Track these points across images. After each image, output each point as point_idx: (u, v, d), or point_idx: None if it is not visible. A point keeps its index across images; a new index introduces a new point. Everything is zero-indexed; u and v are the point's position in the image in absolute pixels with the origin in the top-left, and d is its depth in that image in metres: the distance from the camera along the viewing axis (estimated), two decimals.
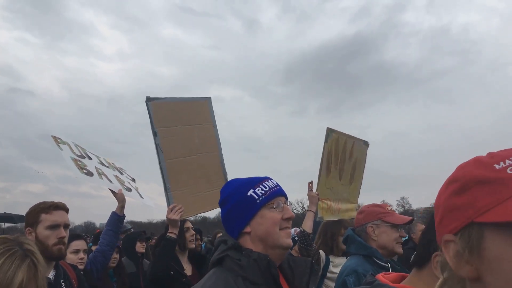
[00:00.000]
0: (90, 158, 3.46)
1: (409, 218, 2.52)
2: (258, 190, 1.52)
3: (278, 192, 1.55)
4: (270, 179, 1.60)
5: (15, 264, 1.26)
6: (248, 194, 1.51)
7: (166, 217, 3.13)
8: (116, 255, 4.07)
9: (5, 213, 15.46)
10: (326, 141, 3.88)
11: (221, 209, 1.62)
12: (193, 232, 3.55)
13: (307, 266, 1.55)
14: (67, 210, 2.45)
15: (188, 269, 3.39)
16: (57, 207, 2.40)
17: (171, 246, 3.14)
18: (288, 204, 1.63)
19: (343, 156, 4.15)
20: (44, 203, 2.41)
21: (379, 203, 2.68)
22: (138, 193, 3.82)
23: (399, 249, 2.49)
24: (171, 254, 3.17)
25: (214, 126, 3.59)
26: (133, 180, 4.04)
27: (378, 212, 2.53)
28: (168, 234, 3.15)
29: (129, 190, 3.59)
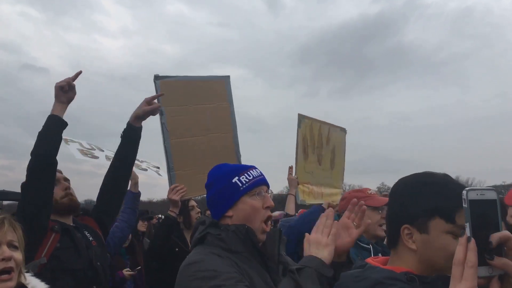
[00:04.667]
0: (102, 150, 3.71)
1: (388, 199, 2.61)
2: (243, 178, 1.63)
3: (261, 181, 1.66)
4: (255, 168, 1.71)
5: None
6: (233, 181, 1.62)
7: (167, 197, 3.14)
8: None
9: (4, 190, 15.67)
10: (299, 126, 3.97)
11: (207, 191, 1.73)
12: (199, 210, 3.61)
13: (276, 235, 1.67)
14: (60, 171, 2.48)
15: None
16: None
17: (170, 224, 3.20)
18: (270, 193, 1.73)
19: (319, 142, 4.24)
20: None
21: (359, 187, 2.84)
22: (157, 173, 4.11)
23: (381, 232, 2.57)
24: (169, 231, 3.23)
25: (231, 106, 3.51)
26: (157, 167, 4.30)
27: (359, 197, 2.60)
28: (168, 212, 3.20)
29: (145, 170, 3.87)
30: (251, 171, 1.67)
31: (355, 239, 1.51)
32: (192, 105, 3.28)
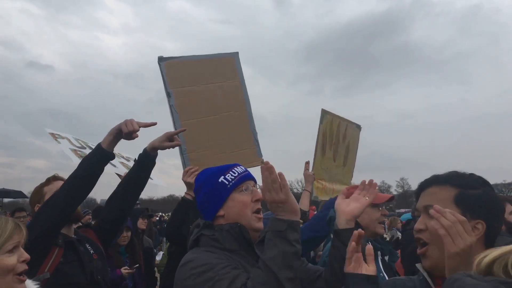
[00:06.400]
0: (91, 148, 3.63)
1: (389, 196, 2.58)
2: (228, 176, 1.66)
3: (247, 177, 1.70)
4: (239, 165, 1.75)
5: (4, 219, 1.61)
6: (219, 180, 1.66)
7: (182, 179, 3.11)
8: (126, 234, 4.13)
9: (4, 188, 15.83)
10: (321, 122, 3.95)
11: (196, 196, 1.75)
12: None
13: None
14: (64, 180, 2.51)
15: None
16: (55, 178, 2.53)
17: (185, 206, 3.15)
18: (258, 187, 1.75)
19: (337, 138, 4.24)
20: (42, 182, 2.54)
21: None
22: None
23: (380, 230, 2.54)
24: (185, 213, 3.17)
25: (242, 83, 3.37)
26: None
27: None
28: (184, 195, 3.16)
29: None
30: (235, 168, 1.70)
31: (365, 204, 1.68)
32: (200, 84, 3.15)
